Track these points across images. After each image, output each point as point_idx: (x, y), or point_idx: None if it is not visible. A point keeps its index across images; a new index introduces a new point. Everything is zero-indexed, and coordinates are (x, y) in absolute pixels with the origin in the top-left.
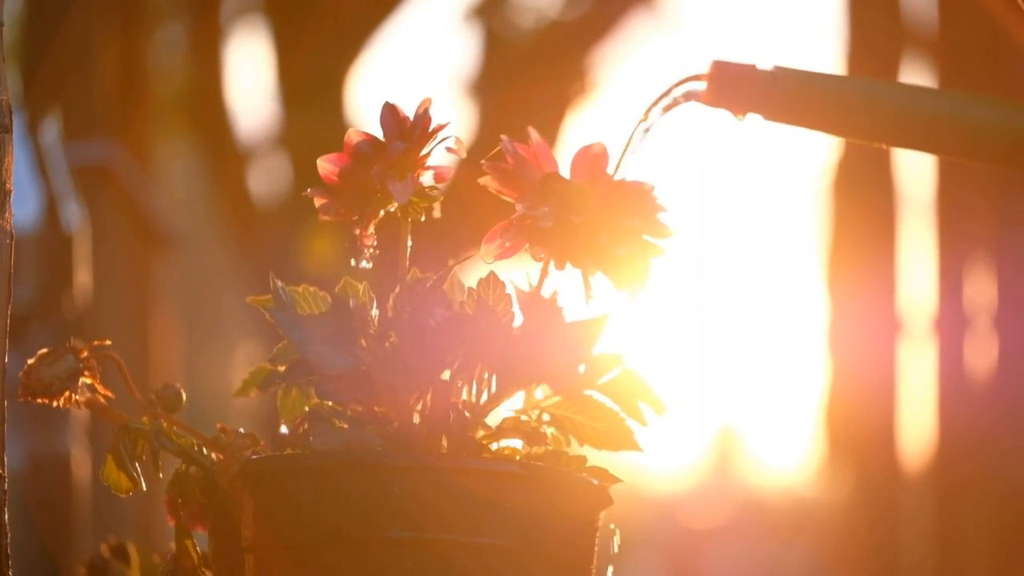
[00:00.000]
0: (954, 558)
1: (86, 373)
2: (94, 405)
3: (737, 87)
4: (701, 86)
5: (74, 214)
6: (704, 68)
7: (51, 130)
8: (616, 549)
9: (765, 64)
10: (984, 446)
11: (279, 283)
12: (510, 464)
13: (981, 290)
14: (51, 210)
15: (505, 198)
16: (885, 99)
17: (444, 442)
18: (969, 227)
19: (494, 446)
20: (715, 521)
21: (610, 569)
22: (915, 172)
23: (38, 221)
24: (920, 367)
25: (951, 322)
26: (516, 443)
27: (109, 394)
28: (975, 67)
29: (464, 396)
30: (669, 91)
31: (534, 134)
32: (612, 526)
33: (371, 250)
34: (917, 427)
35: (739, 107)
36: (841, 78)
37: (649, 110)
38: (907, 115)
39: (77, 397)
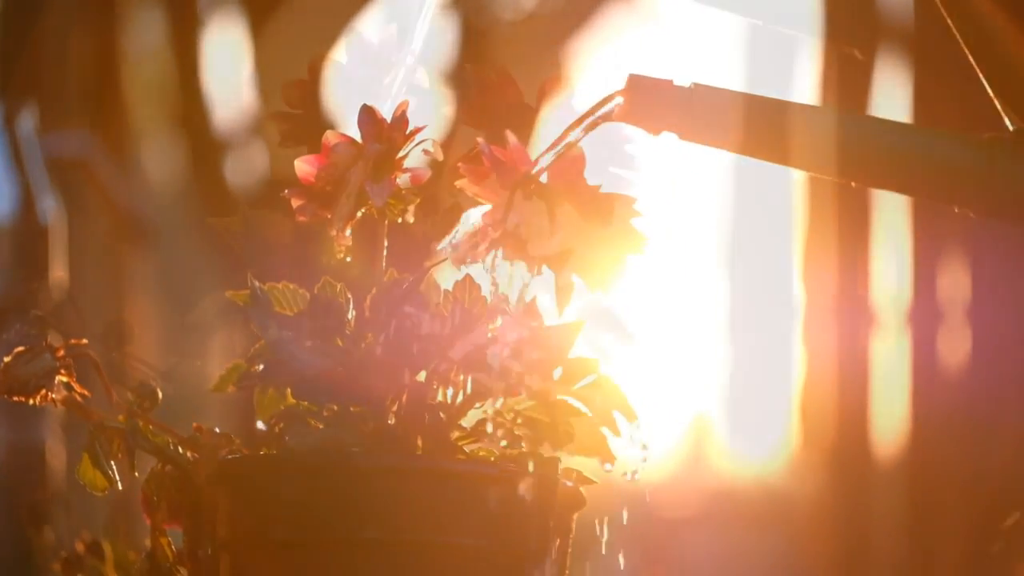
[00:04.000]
0: (926, 549)
1: (62, 371)
2: (70, 403)
3: (651, 103)
4: (619, 102)
5: (50, 206)
6: (621, 83)
7: (27, 122)
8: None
9: (683, 80)
10: (957, 439)
11: (256, 281)
12: (485, 465)
13: (956, 283)
14: (27, 202)
15: (481, 201)
16: (808, 123)
17: (419, 443)
18: (944, 220)
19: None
20: (688, 510)
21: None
22: None
23: (13, 214)
24: (894, 359)
25: (925, 315)
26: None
27: (86, 392)
28: (948, 64)
29: (440, 398)
30: (594, 109)
31: (511, 136)
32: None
33: (347, 251)
34: (890, 419)
35: (652, 125)
36: (763, 99)
37: (571, 129)
38: (832, 140)
39: (53, 395)
